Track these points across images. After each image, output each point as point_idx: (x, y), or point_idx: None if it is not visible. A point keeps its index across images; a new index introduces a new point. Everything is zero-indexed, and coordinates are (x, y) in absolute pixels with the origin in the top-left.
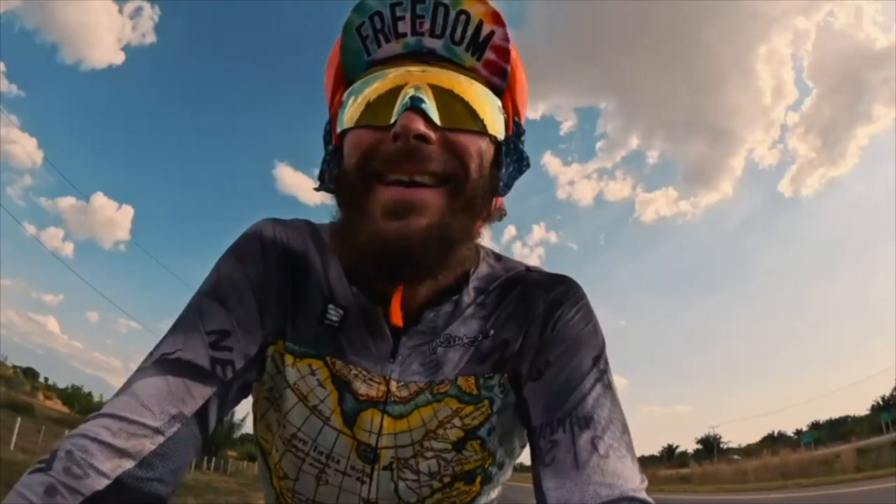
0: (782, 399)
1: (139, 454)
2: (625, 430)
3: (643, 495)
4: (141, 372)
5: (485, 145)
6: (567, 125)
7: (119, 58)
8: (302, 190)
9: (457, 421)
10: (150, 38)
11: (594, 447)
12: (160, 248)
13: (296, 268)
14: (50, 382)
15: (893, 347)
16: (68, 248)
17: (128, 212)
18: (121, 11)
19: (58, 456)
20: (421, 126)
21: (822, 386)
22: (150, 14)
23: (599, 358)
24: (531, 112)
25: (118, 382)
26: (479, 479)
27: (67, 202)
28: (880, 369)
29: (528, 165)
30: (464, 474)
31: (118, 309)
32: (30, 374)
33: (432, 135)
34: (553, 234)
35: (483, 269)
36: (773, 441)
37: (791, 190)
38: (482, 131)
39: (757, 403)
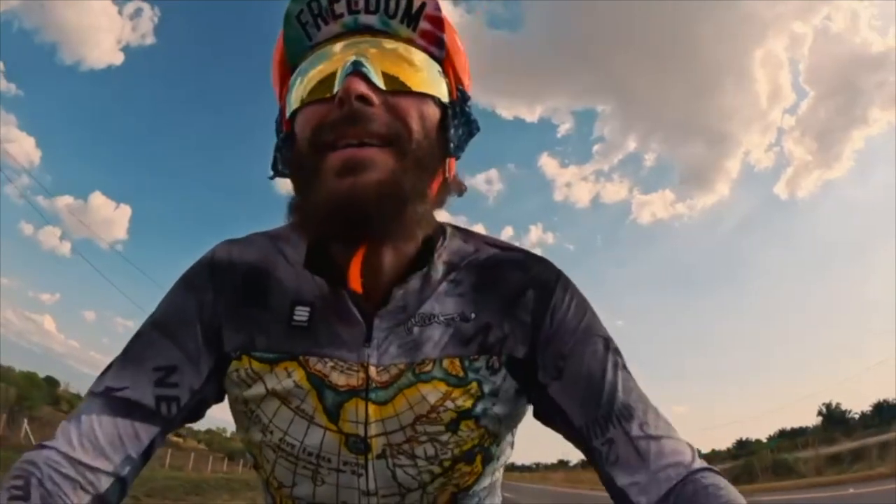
0: (781, 400)
1: (97, 490)
2: (657, 408)
3: (702, 462)
4: (91, 404)
5: (429, 108)
6: (564, 127)
7: (118, 58)
8: None
9: (449, 403)
10: (150, 40)
11: (647, 434)
12: (158, 248)
13: (255, 281)
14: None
15: (892, 347)
16: (66, 248)
17: (126, 211)
18: (120, 13)
19: (32, 484)
20: (362, 87)
21: (821, 385)
22: (150, 15)
23: (609, 340)
24: (528, 114)
25: None
26: (479, 457)
27: (65, 201)
28: (863, 370)
29: (477, 129)
30: (463, 455)
31: (134, 305)
32: (50, 382)
33: (374, 97)
34: (550, 236)
35: (451, 244)
36: (741, 447)
37: (787, 192)
38: (425, 94)
39: (756, 404)
